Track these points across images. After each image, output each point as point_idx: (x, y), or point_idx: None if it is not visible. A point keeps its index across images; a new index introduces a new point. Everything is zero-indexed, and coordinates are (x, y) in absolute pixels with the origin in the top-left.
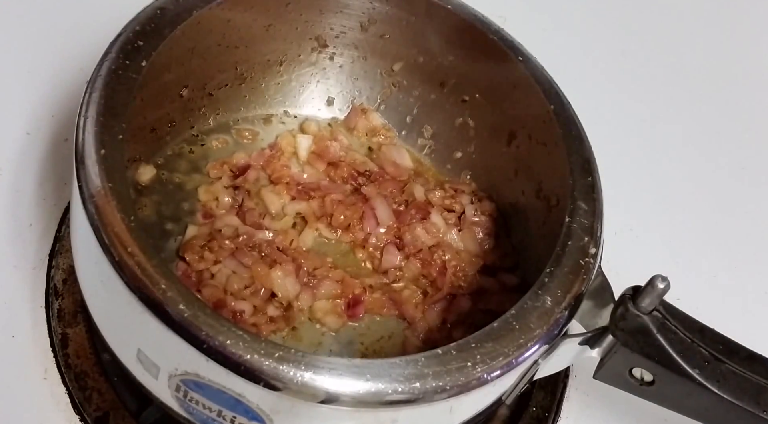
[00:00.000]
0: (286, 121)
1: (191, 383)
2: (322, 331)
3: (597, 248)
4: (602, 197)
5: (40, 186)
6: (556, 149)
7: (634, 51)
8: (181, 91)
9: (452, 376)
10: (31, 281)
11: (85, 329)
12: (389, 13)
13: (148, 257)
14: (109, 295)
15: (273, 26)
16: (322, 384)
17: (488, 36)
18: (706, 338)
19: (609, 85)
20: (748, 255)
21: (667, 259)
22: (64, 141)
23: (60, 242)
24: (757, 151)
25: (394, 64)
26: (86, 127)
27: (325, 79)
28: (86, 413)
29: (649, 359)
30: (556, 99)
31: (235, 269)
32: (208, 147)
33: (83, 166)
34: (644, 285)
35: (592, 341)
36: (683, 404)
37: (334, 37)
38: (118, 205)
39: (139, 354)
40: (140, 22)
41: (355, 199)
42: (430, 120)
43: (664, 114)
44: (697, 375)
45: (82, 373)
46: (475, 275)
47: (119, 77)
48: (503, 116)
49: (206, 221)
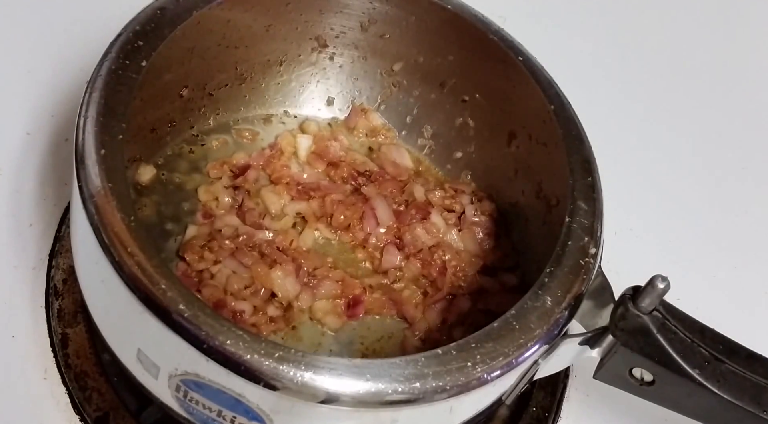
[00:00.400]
0: (286, 121)
1: (191, 383)
2: (322, 331)
3: (597, 248)
4: (602, 197)
5: (40, 186)
6: (556, 149)
7: (634, 51)
8: (181, 91)
9: (452, 376)
10: (31, 281)
11: (85, 329)
12: (389, 13)
13: (148, 257)
14: (109, 295)
15: (273, 26)
16: (322, 384)
17: (488, 36)
18: (706, 338)
19: (609, 85)
20: (748, 255)
21: (667, 259)
22: (64, 141)
23: (60, 242)
24: (758, 152)
25: (394, 64)
26: (86, 127)
27: (325, 79)
28: (86, 413)
29: (649, 359)
30: (556, 99)
31: (235, 269)
32: (208, 147)
33: (83, 166)
34: (644, 285)
35: (592, 341)
36: (683, 404)
37: (334, 37)
38: (118, 205)
39: (139, 354)
40: (140, 22)
41: (355, 199)
42: (430, 120)
43: (665, 114)
44: (697, 375)
45: (82, 373)
46: (475, 275)
47: (119, 77)
48: (503, 116)
49: (206, 221)
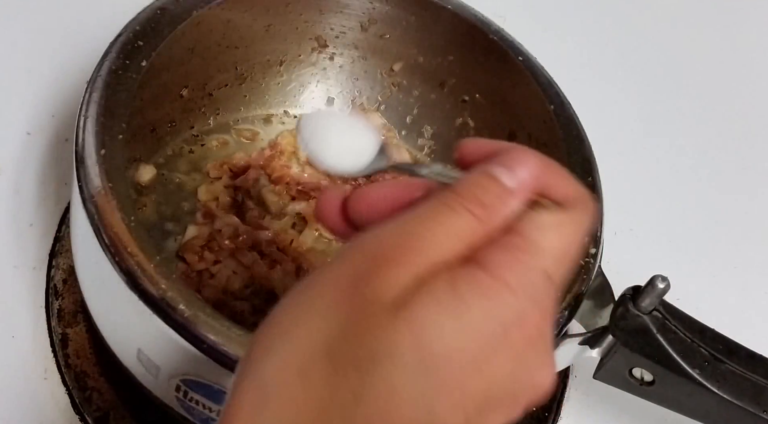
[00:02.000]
0: (286, 121)
1: (191, 383)
2: None
3: (597, 248)
4: (602, 197)
5: (40, 186)
6: (556, 149)
7: (635, 51)
8: (181, 91)
9: None
10: (31, 281)
11: (85, 329)
12: (389, 13)
13: (148, 257)
14: (109, 295)
15: (273, 26)
16: None
17: (488, 36)
18: (706, 338)
19: (609, 85)
20: (748, 255)
21: (667, 259)
22: (64, 141)
23: (60, 242)
24: (758, 152)
25: (394, 64)
26: (86, 127)
27: (325, 79)
28: (86, 413)
29: (649, 359)
30: (556, 99)
31: (235, 269)
32: (208, 147)
33: (83, 166)
34: (644, 285)
35: (592, 341)
36: (683, 404)
37: (334, 37)
38: (118, 205)
39: (139, 354)
40: (140, 22)
41: None
42: (430, 120)
43: (665, 114)
44: (697, 375)
45: (82, 373)
46: None
47: (119, 77)
48: (503, 116)
49: (206, 221)
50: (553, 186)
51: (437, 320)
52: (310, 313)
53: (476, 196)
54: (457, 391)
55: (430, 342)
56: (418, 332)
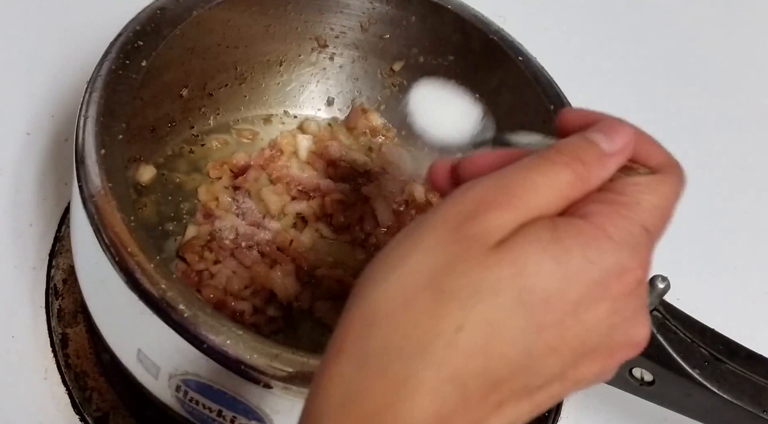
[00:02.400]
0: (286, 121)
1: (191, 383)
2: (322, 331)
3: None
4: None
5: (40, 186)
6: None
7: (635, 51)
8: (181, 91)
9: None
10: (31, 281)
11: (85, 329)
12: (389, 13)
13: (148, 257)
14: (109, 295)
15: (273, 26)
16: None
17: (488, 36)
18: (706, 338)
19: (609, 85)
20: (748, 255)
21: (667, 259)
22: (64, 141)
23: (60, 242)
24: (757, 152)
25: (394, 64)
26: (86, 127)
27: (325, 80)
28: (86, 413)
29: (649, 359)
30: (556, 99)
31: (235, 269)
32: (208, 147)
33: (83, 166)
34: None
35: None
36: (683, 404)
37: (334, 37)
38: (118, 205)
39: (139, 354)
40: (140, 22)
41: (355, 199)
42: None
43: (665, 114)
44: (697, 375)
45: (82, 373)
46: None
47: (119, 77)
48: (503, 116)
49: (206, 221)
50: (646, 154)
51: (538, 261)
52: (417, 250)
53: (577, 154)
54: (554, 334)
55: (530, 282)
56: (519, 271)
